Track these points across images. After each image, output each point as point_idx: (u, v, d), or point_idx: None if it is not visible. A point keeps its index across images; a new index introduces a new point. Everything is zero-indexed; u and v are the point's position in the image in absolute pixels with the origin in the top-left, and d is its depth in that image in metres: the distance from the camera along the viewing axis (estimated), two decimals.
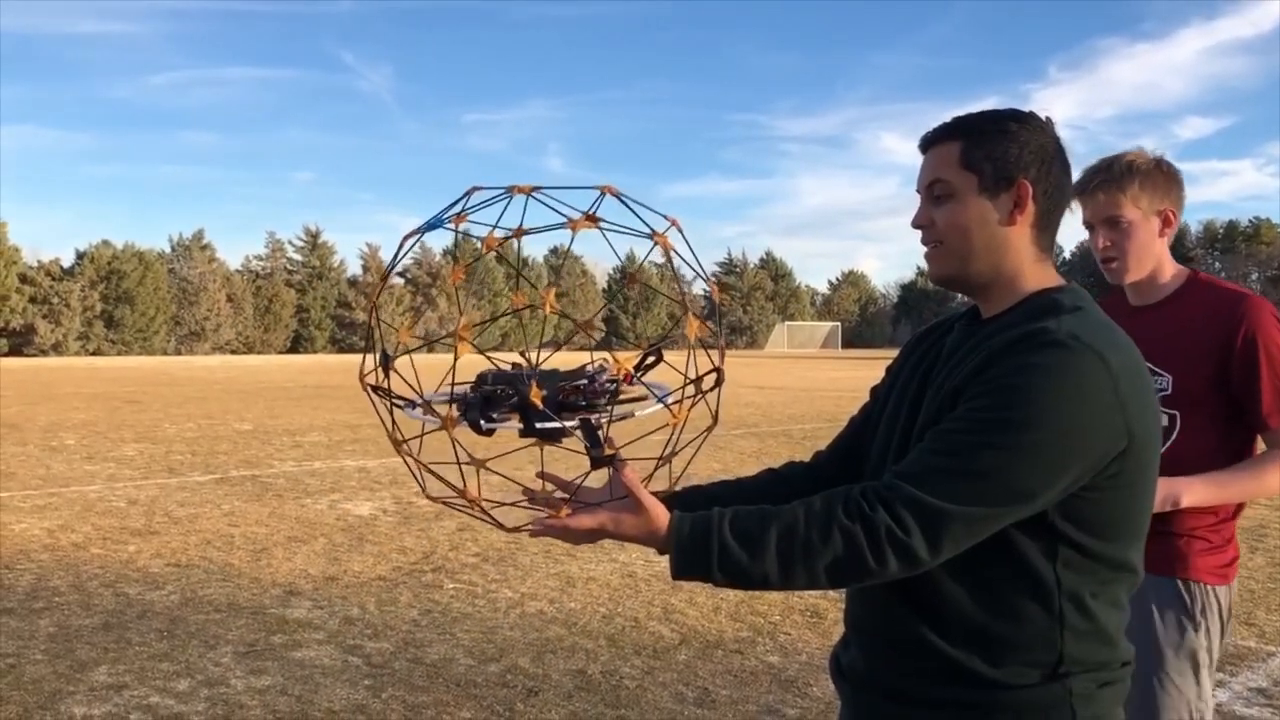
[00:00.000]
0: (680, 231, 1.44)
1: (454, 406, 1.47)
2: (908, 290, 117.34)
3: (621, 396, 1.39)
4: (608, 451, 1.31)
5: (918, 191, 1.41)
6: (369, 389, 1.47)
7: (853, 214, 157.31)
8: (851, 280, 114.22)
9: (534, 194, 1.37)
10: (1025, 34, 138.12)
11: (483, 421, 1.42)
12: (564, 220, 1.35)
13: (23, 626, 4.37)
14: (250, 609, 4.67)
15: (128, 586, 5.06)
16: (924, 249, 1.40)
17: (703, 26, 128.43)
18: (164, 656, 4.00)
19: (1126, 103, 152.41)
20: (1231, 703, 3.52)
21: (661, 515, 1.27)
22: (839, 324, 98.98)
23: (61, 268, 55.63)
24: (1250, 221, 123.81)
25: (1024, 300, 1.32)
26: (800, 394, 21.78)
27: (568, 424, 1.35)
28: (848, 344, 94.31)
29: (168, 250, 59.68)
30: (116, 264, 55.23)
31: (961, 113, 1.40)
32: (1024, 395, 1.19)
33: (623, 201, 1.42)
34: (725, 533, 1.23)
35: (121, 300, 54.71)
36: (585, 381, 1.45)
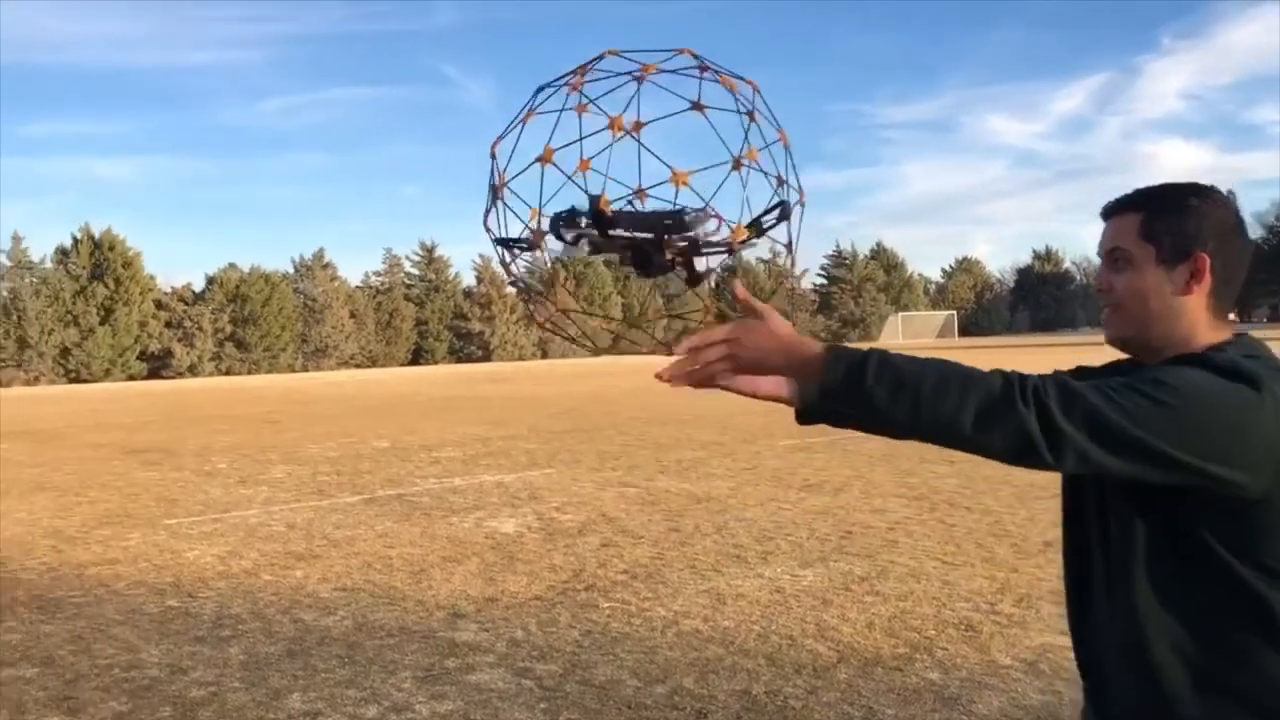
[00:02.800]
0: (759, 94, 1.63)
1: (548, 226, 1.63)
2: (1024, 275, 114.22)
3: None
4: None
5: (1098, 255, 1.49)
6: (493, 239, 1.66)
7: (962, 199, 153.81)
8: (965, 267, 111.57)
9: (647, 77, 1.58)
10: (1135, 3, 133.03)
11: (565, 234, 1.60)
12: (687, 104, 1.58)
13: (216, 655, 4.68)
14: (420, 633, 4.90)
15: (303, 612, 5.37)
16: (1104, 310, 1.49)
17: (797, 15, 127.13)
18: (349, 683, 4.25)
19: (1246, 68, 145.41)
20: None
21: (790, 329, 1.34)
22: (954, 312, 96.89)
23: (193, 292, 58.17)
24: None
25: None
26: None
27: (638, 235, 1.53)
28: (964, 332, 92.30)
29: (291, 270, 61.84)
30: (244, 287, 57.47)
31: (1072, 89, 1.49)
32: (1179, 376, 1.29)
33: (700, 61, 1.61)
34: (885, 353, 1.32)
35: (249, 321, 56.93)
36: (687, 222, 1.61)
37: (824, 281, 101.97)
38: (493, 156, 1.71)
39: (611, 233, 1.54)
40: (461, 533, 7.39)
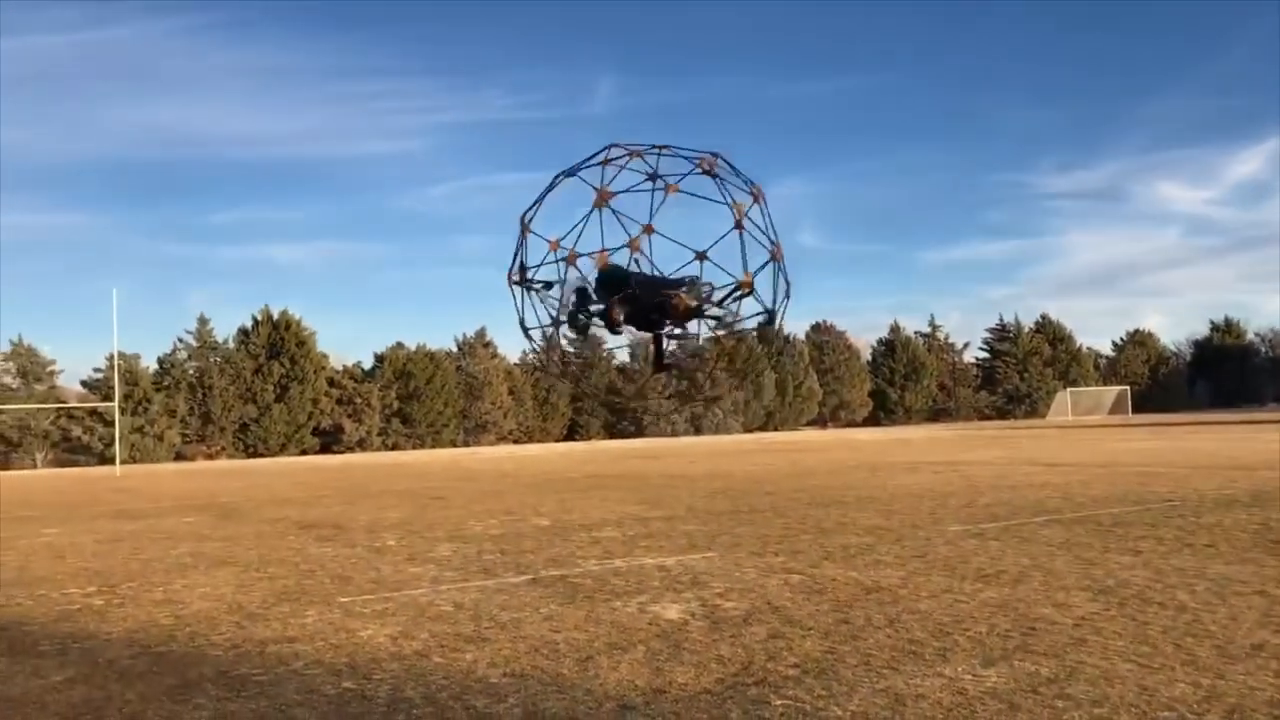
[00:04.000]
0: (727, 161, 1.82)
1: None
2: (1202, 347, 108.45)
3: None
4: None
5: None
6: (512, 284, 2.22)
7: (1131, 268, 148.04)
8: (1138, 340, 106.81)
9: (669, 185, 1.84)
10: None
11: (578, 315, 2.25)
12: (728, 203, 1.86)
13: None
14: None
15: (474, 698, 5.38)
16: None
17: (955, 90, 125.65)
18: None
19: None
20: None
21: None
22: (1128, 388, 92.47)
23: (362, 370, 60.73)
24: None
25: None
26: (1098, 471, 20.45)
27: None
28: (1139, 408, 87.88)
29: (454, 349, 63.92)
30: (410, 364, 59.66)
31: (1249, 153, 1.35)
32: None
33: (721, 170, 1.76)
34: None
35: (414, 397, 58.96)
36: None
37: (987, 355, 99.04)
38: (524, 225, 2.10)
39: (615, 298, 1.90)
40: (625, 618, 7.33)
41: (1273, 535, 10.12)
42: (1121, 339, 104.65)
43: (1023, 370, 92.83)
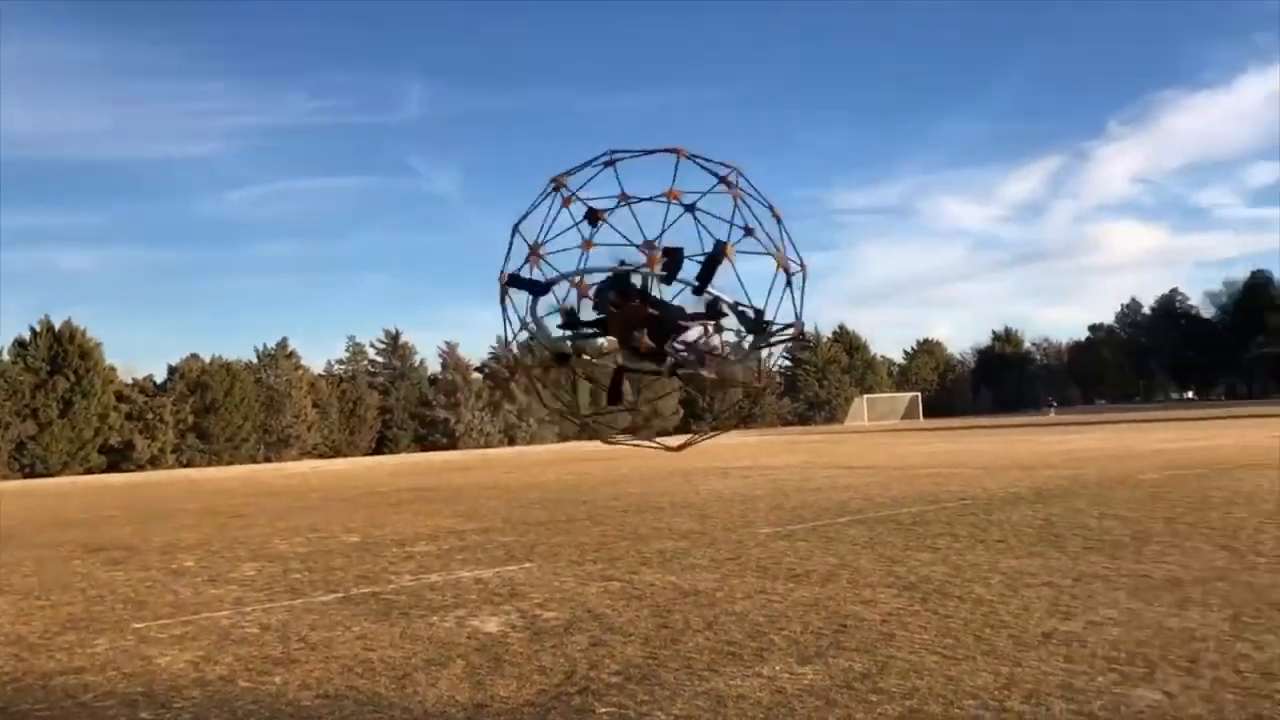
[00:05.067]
0: (744, 176, 1.87)
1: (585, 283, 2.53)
2: (985, 356, 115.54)
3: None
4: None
5: None
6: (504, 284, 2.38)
7: (921, 281, 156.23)
8: (927, 348, 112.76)
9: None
10: (1082, 92, 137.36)
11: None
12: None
13: None
14: None
15: None
16: None
17: (754, 109, 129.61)
18: None
19: (1193, 153, 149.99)
20: None
21: None
22: (919, 394, 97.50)
23: (154, 383, 57.42)
24: None
25: None
26: (895, 474, 21.43)
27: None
28: (929, 413, 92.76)
29: (254, 360, 61.27)
30: (205, 377, 56.82)
31: (1026, 173, 1.45)
32: None
33: (694, 160, 1.83)
34: None
35: (210, 411, 56.16)
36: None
37: (789, 364, 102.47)
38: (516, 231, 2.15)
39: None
40: (443, 633, 7.15)
41: (1055, 530, 10.83)
42: (912, 348, 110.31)
43: (822, 378, 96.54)
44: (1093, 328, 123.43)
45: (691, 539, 11.62)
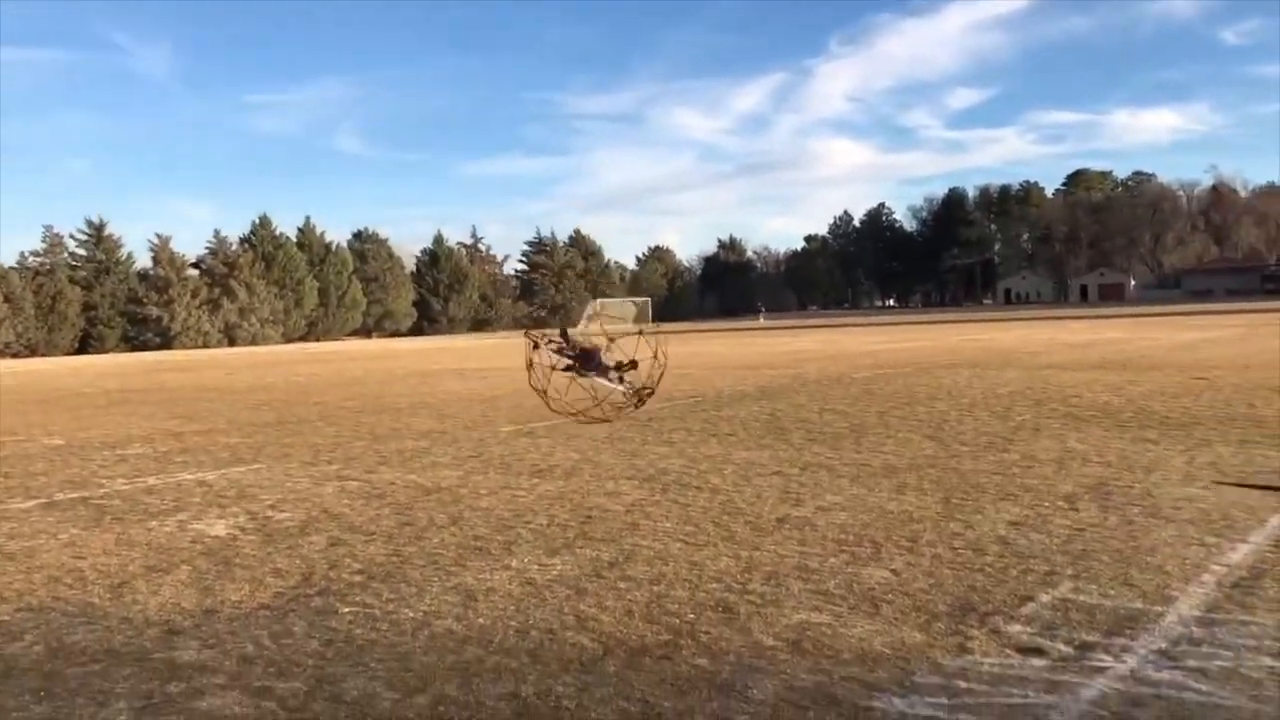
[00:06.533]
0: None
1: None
2: (711, 263, 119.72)
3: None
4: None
5: None
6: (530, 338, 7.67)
7: (652, 190, 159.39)
8: (657, 255, 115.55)
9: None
10: (807, 9, 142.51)
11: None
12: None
13: None
14: (132, 654, 4.31)
15: None
16: None
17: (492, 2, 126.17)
18: None
19: (902, 75, 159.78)
20: (1142, 668, 3.73)
21: None
22: (649, 299, 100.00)
23: None
24: (1020, 186, 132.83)
25: None
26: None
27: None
28: (659, 318, 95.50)
29: None
30: None
31: (752, 87, 1.46)
32: None
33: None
34: None
35: None
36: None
37: (526, 268, 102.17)
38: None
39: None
40: (164, 538, 6.65)
41: (780, 424, 11.38)
42: (644, 254, 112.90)
43: (558, 282, 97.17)
44: (808, 238, 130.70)
45: (432, 438, 11.40)
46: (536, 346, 12.42)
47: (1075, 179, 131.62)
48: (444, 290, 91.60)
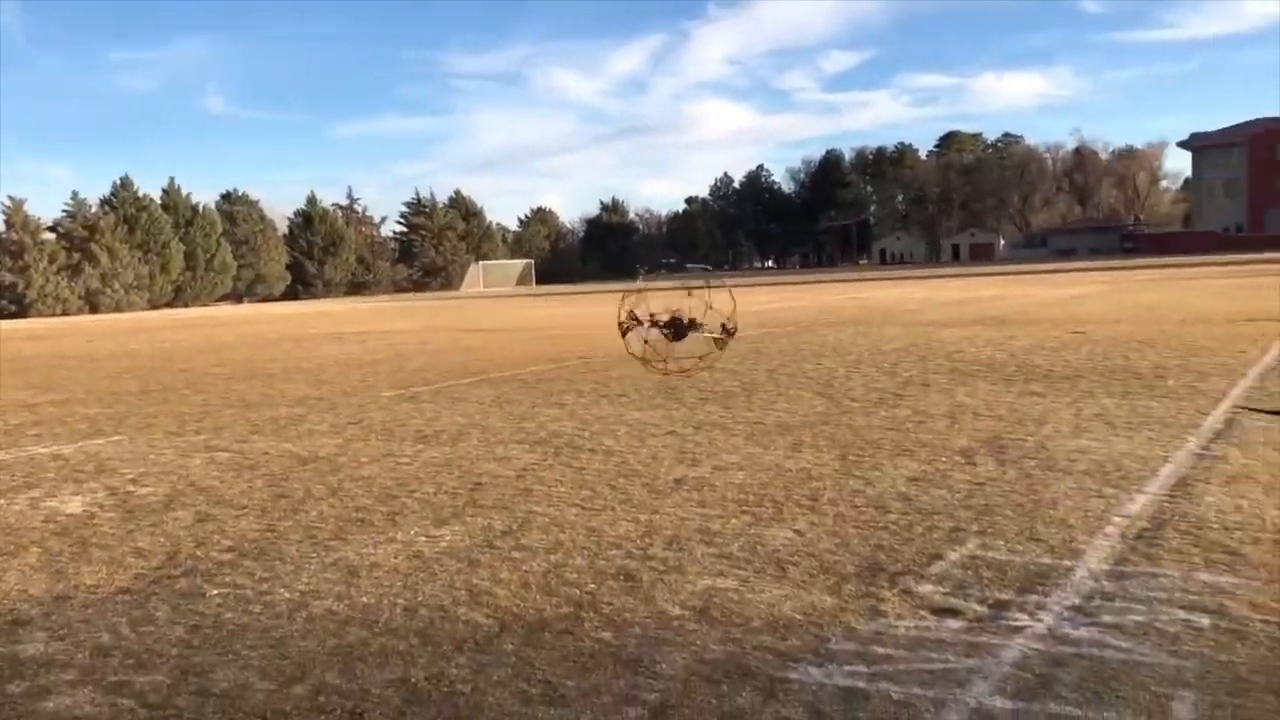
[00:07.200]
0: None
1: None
2: (593, 225, 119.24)
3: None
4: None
5: None
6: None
7: (533, 151, 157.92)
8: (540, 217, 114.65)
9: None
10: None
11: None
12: None
13: None
14: None
15: None
16: None
17: None
18: None
19: (779, 38, 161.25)
20: (1059, 626, 3.63)
21: None
22: (532, 261, 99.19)
23: None
24: (895, 148, 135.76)
25: None
26: (516, 335, 21.53)
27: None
28: (541, 280, 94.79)
29: None
30: None
31: (631, 49, 1.27)
32: None
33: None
34: None
35: None
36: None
37: (404, 229, 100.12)
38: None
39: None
40: (13, 517, 6.10)
41: (671, 384, 11.19)
42: (526, 216, 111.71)
43: (438, 244, 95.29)
44: (689, 200, 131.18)
45: (308, 405, 10.87)
46: (628, 329, 12.36)
47: (947, 141, 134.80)
48: (319, 253, 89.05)
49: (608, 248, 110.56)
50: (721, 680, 3.28)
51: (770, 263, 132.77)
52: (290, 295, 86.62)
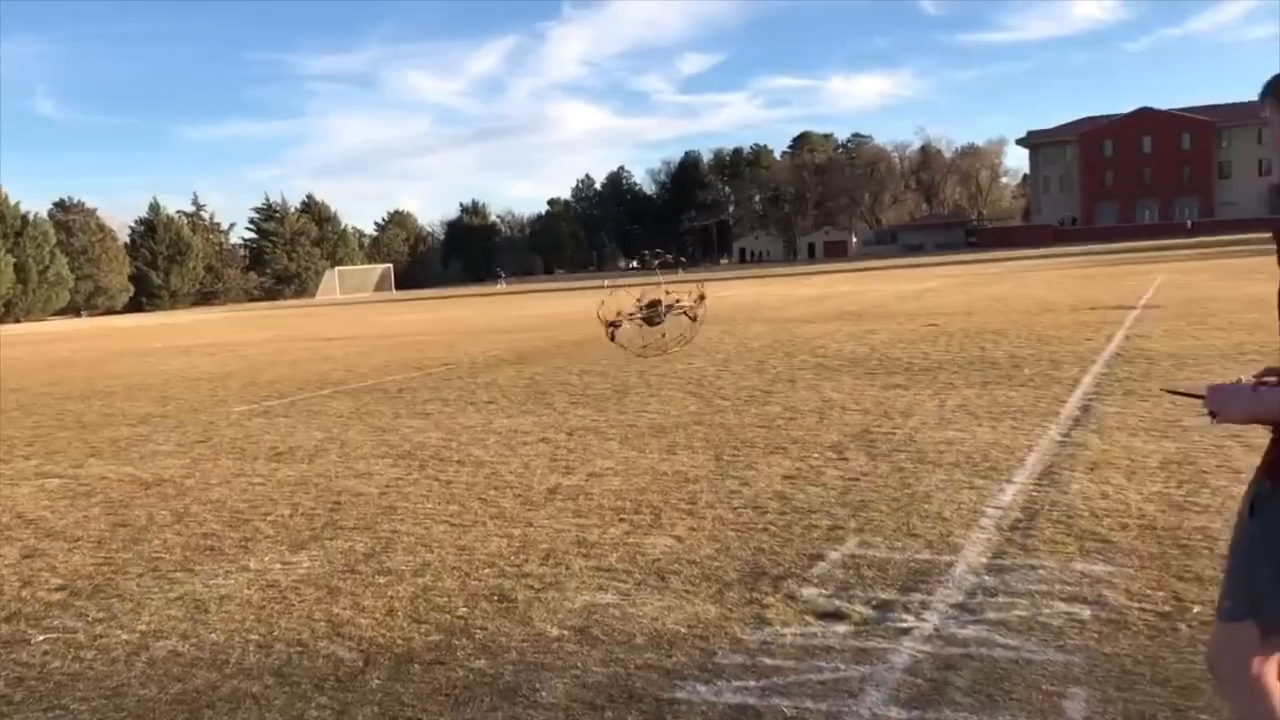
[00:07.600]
0: None
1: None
2: (453, 228, 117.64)
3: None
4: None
5: None
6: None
7: (388, 153, 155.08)
8: (397, 220, 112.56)
9: None
10: None
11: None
12: None
13: None
14: None
15: None
16: None
17: None
18: None
19: (635, 39, 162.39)
20: (945, 625, 3.55)
21: None
22: (390, 266, 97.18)
23: None
24: (751, 149, 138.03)
25: None
26: (376, 344, 20.89)
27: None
28: (401, 285, 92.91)
29: None
30: None
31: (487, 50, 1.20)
32: None
33: None
34: None
35: None
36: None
37: (255, 236, 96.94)
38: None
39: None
40: None
41: (540, 388, 10.95)
42: (383, 220, 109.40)
43: (291, 251, 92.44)
44: (551, 202, 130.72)
45: (151, 423, 10.22)
46: (616, 325, 14.48)
47: (800, 141, 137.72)
48: (163, 262, 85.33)
49: (469, 251, 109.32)
50: (605, 706, 3.08)
51: (634, 264, 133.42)
52: (134, 307, 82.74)
